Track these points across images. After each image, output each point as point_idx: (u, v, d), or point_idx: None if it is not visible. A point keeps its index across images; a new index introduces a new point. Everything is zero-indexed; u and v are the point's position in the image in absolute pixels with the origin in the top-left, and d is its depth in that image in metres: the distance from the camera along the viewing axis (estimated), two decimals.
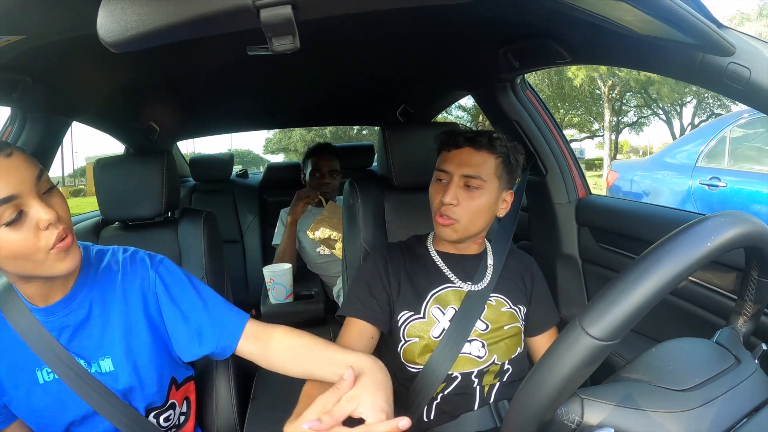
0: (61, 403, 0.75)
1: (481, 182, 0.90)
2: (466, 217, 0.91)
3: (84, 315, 0.76)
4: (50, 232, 0.64)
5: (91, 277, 0.78)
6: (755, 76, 0.67)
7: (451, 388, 0.89)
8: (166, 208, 1.09)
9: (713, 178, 2.97)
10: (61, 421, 0.76)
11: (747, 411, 0.52)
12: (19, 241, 0.63)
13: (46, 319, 0.74)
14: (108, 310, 0.77)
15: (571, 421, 0.50)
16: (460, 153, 0.92)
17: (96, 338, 0.77)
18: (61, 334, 0.75)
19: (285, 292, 1.56)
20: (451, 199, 0.89)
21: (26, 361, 0.73)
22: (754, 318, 0.65)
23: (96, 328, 0.77)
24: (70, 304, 0.75)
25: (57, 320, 0.75)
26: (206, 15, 0.44)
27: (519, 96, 1.39)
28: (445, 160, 0.94)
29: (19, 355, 0.73)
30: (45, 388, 0.74)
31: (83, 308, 0.76)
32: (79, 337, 0.76)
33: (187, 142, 9.70)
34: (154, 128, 1.86)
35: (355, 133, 17.42)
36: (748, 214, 0.53)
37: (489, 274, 0.96)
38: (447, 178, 0.92)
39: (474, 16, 0.95)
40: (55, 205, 0.66)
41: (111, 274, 0.79)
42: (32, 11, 0.66)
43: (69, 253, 0.67)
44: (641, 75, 11.90)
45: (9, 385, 0.73)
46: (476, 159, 0.91)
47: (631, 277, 0.46)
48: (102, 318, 0.77)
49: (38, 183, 0.65)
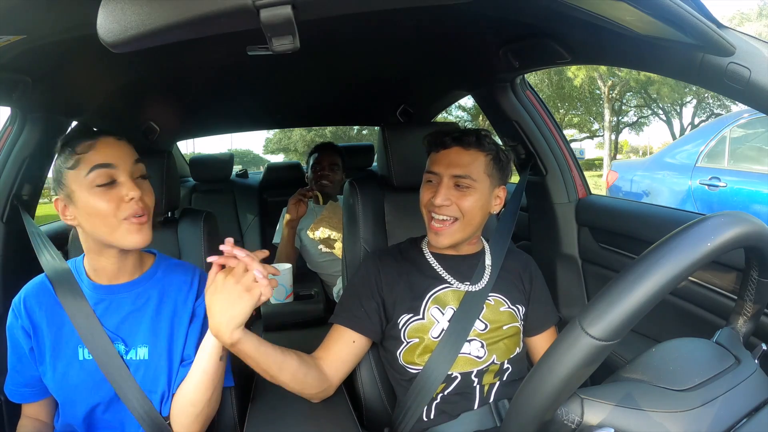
0: (94, 383, 0.80)
1: (471, 182, 0.90)
2: (462, 216, 0.91)
3: (141, 304, 0.84)
4: (129, 205, 0.75)
5: (159, 275, 0.87)
6: (755, 76, 0.67)
7: (451, 388, 0.89)
8: (166, 208, 1.09)
9: (713, 178, 2.97)
10: (88, 401, 0.80)
11: (747, 411, 0.52)
12: (103, 203, 0.74)
13: (106, 297, 0.82)
14: (162, 307, 0.85)
15: (571, 421, 0.50)
16: (448, 153, 0.92)
17: (144, 327, 0.83)
18: (114, 313, 0.82)
19: (285, 292, 1.56)
20: (443, 200, 0.89)
21: (71, 338, 0.80)
22: (754, 318, 0.65)
23: (146, 318, 0.83)
24: (132, 290, 0.84)
25: (116, 300, 0.83)
26: (206, 15, 0.44)
27: (519, 96, 1.39)
28: (434, 162, 0.93)
29: (66, 331, 0.80)
30: (83, 365, 0.80)
31: (142, 298, 0.84)
32: (131, 321, 0.82)
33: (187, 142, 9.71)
34: (154, 128, 1.86)
35: (355, 133, 17.42)
36: (748, 214, 0.53)
37: (487, 274, 0.96)
38: (437, 179, 0.92)
39: (474, 16, 0.95)
40: (144, 191, 0.78)
41: (178, 283, 0.87)
42: (32, 11, 0.66)
43: (141, 230, 0.76)
44: (641, 75, 11.89)
45: (51, 357, 0.80)
46: (465, 158, 0.90)
47: (631, 277, 0.46)
48: (156, 311, 0.84)
49: (134, 166, 0.78)
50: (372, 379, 1.03)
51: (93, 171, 0.74)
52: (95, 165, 0.74)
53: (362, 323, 0.93)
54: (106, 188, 0.74)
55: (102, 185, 0.74)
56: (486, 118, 1.58)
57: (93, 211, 0.74)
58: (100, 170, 0.74)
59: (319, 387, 0.87)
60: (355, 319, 0.93)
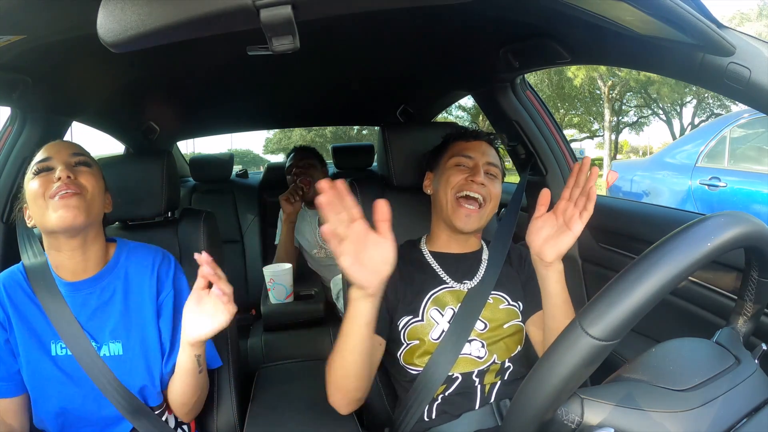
0: (67, 379, 0.80)
1: (498, 172, 0.97)
2: (490, 200, 0.94)
3: (107, 298, 0.85)
4: (56, 184, 0.77)
5: (121, 265, 0.87)
6: (755, 76, 0.67)
7: (452, 388, 0.89)
8: (166, 208, 1.09)
9: (713, 178, 2.97)
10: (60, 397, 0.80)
11: (747, 411, 0.52)
12: (35, 185, 0.78)
13: (71, 295, 0.83)
14: (129, 299, 0.86)
15: (571, 421, 0.50)
16: (480, 144, 0.98)
17: (113, 322, 0.84)
18: (81, 311, 0.83)
19: (285, 292, 1.56)
20: (483, 179, 0.92)
21: (44, 333, 0.82)
22: (754, 318, 0.65)
23: (115, 314, 0.84)
24: (96, 285, 0.84)
25: (80, 297, 0.83)
26: (206, 15, 0.44)
27: (519, 96, 1.39)
28: (467, 148, 0.97)
29: (39, 326, 0.82)
30: (55, 360, 0.81)
31: (107, 292, 0.85)
32: (98, 317, 0.83)
33: (187, 142, 9.71)
34: (154, 128, 1.86)
35: (355, 133, 17.42)
36: (748, 214, 0.53)
37: (482, 269, 0.96)
38: (471, 163, 0.95)
39: (474, 16, 0.95)
40: (79, 175, 0.81)
41: (140, 268, 0.88)
42: (32, 11, 0.66)
43: (66, 207, 0.77)
44: (641, 75, 11.89)
45: (23, 350, 0.80)
46: (493, 152, 0.99)
47: (631, 277, 0.46)
48: (123, 305, 0.85)
49: (71, 158, 0.82)
50: (372, 379, 1.03)
51: (34, 166, 0.81)
52: (37, 161, 0.81)
53: (382, 324, 0.90)
54: (41, 174, 0.80)
55: (38, 172, 0.80)
56: (486, 118, 1.58)
57: (30, 195, 0.80)
58: (40, 164, 0.81)
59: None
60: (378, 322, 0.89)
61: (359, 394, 0.82)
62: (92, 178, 0.82)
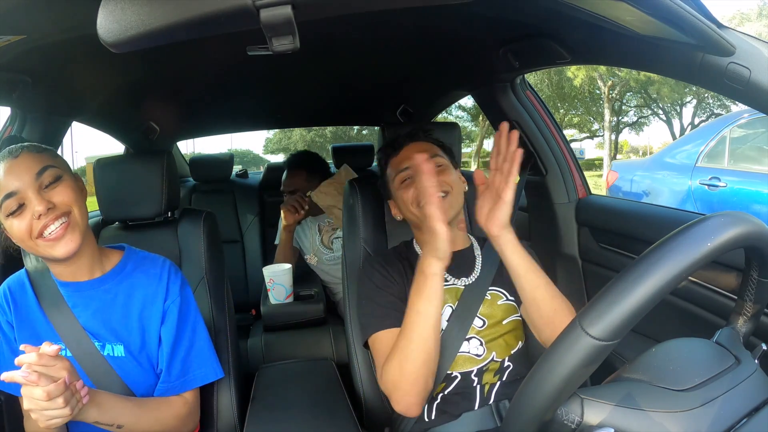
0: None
1: (444, 161, 0.96)
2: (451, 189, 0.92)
3: (109, 300, 0.84)
4: (38, 223, 0.73)
5: (127, 271, 0.87)
6: (755, 76, 0.67)
7: (451, 387, 0.89)
8: (166, 208, 1.09)
9: (713, 178, 2.97)
10: None
11: (747, 411, 0.52)
12: (16, 230, 0.74)
13: (73, 295, 0.83)
14: (131, 304, 0.85)
15: (571, 421, 0.50)
16: (409, 149, 0.97)
17: (115, 323, 0.83)
18: (83, 311, 0.82)
19: (285, 292, 1.56)
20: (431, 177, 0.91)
21: (46, 336, 0.80)
22: (754, 318, 0.65)
23: (116, 315, 0.84)
24: (99, 287, 0.84)
25: (82, 297, 0.83)
26: (206, 15, 0.44)
27: (519, 96, 1.39)
28: (401, 160, 0.97)
29: (42, 329, 0.81)
30: None
31: (109, 294, 0.84)
32: (100, 317, 0.83)
33: (187, 142, 9.70)
34: (154, 128, 1.86)
35: (355, 133, 17.41)
36: (748, 214, 0.53)
37: (478, 264, 0.96)
38: (411, 172, 0.94)
39: (474, 16, 0.95)
40: (55, 196, 0.75)
41: (147, 277, 0.87)
42: (32, 11, 0.66)
43: (61, 241, 0.74)
44: (641, 75, 11.88)
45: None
46: (425, 146, 0.97)
47: (631, 277, 0.46)
48: (124, 308, 0.84)
49: (39, 178, 0.74)
50: (372, 379, 1.03)
51: (3, 203, 0.73)
52: (3, 196, 0.73)
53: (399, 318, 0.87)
54: (16, 214, 0.73)
55: (12, 213, 0.73)
56: (486, 118, 1.58)
57: (16, 238, 0.75)
58: (8, 201, 0.73)
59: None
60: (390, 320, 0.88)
61: (433, 379, 0.82)
62: (69, 189, 0.77)
